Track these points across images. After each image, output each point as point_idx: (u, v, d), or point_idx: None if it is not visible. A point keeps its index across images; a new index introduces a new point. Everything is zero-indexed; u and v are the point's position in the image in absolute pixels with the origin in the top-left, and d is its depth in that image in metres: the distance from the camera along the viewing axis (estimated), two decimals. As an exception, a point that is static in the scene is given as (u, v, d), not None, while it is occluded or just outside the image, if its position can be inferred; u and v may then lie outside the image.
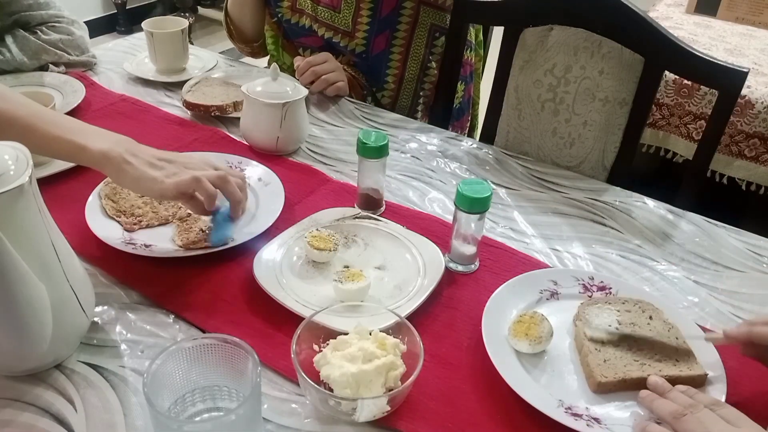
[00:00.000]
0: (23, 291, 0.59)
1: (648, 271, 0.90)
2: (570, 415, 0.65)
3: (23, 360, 0.66)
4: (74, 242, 0.70)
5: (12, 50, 1.25)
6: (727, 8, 2.36)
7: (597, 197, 1.05)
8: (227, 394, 0.64)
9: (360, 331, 0.68)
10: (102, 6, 3.85)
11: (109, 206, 0.91)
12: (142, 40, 1.51)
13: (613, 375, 0.69)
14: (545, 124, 1.26)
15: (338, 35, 1.34)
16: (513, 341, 0.72)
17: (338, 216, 0.91)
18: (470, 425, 0.66)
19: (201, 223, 0.89)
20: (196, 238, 0.86)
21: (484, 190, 0.80)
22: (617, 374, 0.69)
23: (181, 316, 0.77)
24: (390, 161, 1.05)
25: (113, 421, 0.64)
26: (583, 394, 0.70)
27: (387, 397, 0.63)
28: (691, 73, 1.16)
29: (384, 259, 0.86)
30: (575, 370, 0.72)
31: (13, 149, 0.61)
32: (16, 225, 0.59)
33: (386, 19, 1.32)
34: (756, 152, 1.85)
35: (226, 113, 1.20)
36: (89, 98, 1.23)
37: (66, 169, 1.00)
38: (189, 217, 0.91)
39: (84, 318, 0.69)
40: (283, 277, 0.81)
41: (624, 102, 1.19)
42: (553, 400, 0.67)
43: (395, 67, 1.35)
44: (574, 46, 1.19)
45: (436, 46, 1.37)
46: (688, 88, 1.88)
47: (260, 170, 1.02)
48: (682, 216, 1.02)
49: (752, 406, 0.66)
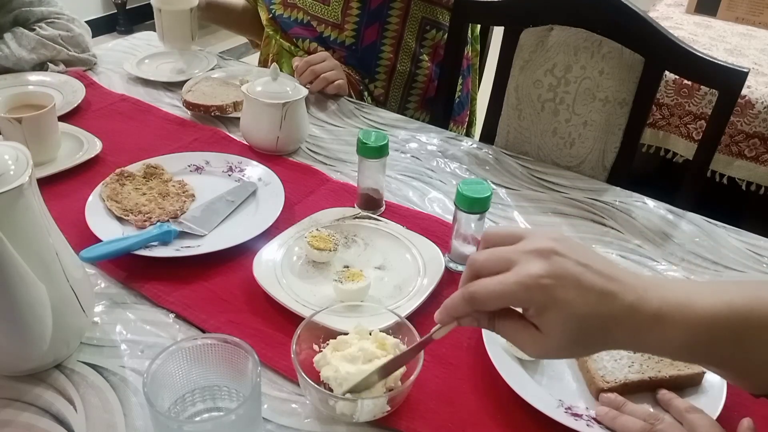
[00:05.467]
0: (23, 291, 0.59)
1: (648, 271, 0.89)
2: (570, 415, 0.65)
3: (23, 360, 0.66)
4: (74, 242, 0.70)
5: (10, 46, 1.25)
6: (727, 8, 2.36)
7: (597, 197, 1.05)
8: (227, 394, 0.64)
9: (360, 331, 0.68)
10: (102, 6, 3.84)
11: (114, 207, 0.90)
12: (142, 40, 1.51)
13: (614, 380, 0.69)
14: (545, 124, 1.26)
15: (328, 28, 1.36)
16: (513, 348, 0.72)
17: (338, 216, 0.91)
18: (470, 425, 0.66)
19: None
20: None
21: (484, 190, 0.80)
22: (618, 379, 0.69)
23: (181, 316, 0.77)
24: (390, 161, 1.05)
25: (113, 421, 0.64)
26: (583, 394, 0.70)
27: (387, 397, 0.63)
28: (691, 73, 1.16)
29: (384, 259, 0.86)
30: (573, 371, 0.72)
31: (13, 149, 0.61)
32: (16, 225, 0.59)
33: (376, 11, 1.34)
34: (756, 152, 1.85)
35: (226, 113, 1.20)
36: (89, 98, 1.23)
37: (66, 169, 1.00)
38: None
39: (84, 318, 0.69)
40: (283, 277, 0.81)
41: (624, 102, 1.19)
42: (552, 401, 0.67)
43: (386, 59, 1.36)
44: (575, 46, 1.19)
45: (427, 39, 1.38)
46: (688, 88, 1.88)
47: (260, 170, 1.02)
48: (682, 216, 1.02)
49: (752, 405, 0.66)
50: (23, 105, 1.02)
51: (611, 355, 0.72)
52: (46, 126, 1.01)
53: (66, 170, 1.00)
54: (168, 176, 0.99)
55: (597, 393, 0.69)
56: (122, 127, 1.12)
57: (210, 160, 1.04)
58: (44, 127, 1.00)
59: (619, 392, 0.68)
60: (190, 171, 1.02)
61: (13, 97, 1.02)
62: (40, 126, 0.99)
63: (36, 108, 1.00)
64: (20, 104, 1.02)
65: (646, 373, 0.70)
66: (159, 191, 0.95)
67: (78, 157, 1.03)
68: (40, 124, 0.99)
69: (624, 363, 0.71)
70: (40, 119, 0.99)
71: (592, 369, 0.70)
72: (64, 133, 1.06)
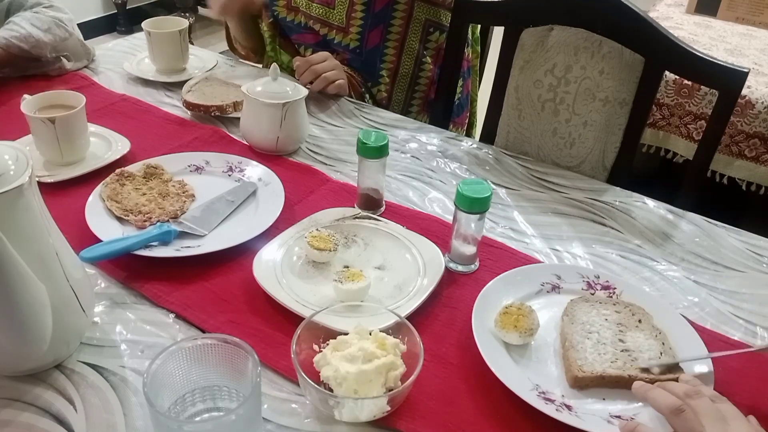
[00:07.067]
0: (23, 291, 0.59)
1: (648, 271, 0.90)
2: (542, 399, 0.66)
3: (23, 360, 0.66)
4: (74, 242, 0.70)
5: (25, 26, 1.24)
6: (728, 8, 2.36)
7: (597, 197, 1.05)
8: (227, 394, 0.64)
9: (360, 331, 0.68)
10: (102, 6, 3.84)
11: (114, 207, 0.91)
12: (142, 40, 1.50)
13: (591, 371, 0.69)
14: (545, 124, 1.26)
15: (332, 31, 1.35)
16: (501, 333, 0.73)
17: (338, 216, 0.91)
18: (470, 425, 0.66)
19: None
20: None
21: (484, 190, 0.80)
22: (595, 371, 0.69)
23: (181, 316, 0.77)
24: (390, 161, 1.05)
25: (113, 421, 0.64)
26: (562, 381, 0.71)
27: (387, 397, 0.63)
28: (692, 73, 1.16)
29: (384, 259, 0.86)
30: (558, 360, 0.74)
31: (13, 149, 0.61)
32: (16, 225, 0.59)
33: (380, 13, 1.33)
34: (756, 152, 1.85)
35: (226, 113, 1.20)
36: (89, 98, 1.22)
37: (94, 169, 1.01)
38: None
39: (84, 318, 0.69)
40: (283, 277, 0.81)
41: (624, 102, 1.19)
42: (528, 384, 0.68)
43: (390, 61, 1.36)
44: (575, 46, 1.19)
45: (430, 41, 1.37)
46: (689, 88, 1.88)
47: (260, 170, 1.02)
48: (682, 216, 1.02)
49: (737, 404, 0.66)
50: (53, 105, 1.02)
51: (596, 348, 0.72)
52: (77, 125, 1.01)
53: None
54: (168, 176, 0.99)
55: (572, 380, 0.69)
56: (122, 127, 1.12)
57: (210, 160, 1.04)
58: (75, 126, 1.01)
59: (595, 384, 0.69)
60: (190, 171, 1.02)
61: (42, 98, 1.02)
62: (72, 125, 1.00)
63: (66, 108, 1.00)
64: (50, 104, 1.02)
65: (626, 371, 0.70)
66: (159, 191, 0.95)
67: (107, 157, 1.04)
68: (72, 124, 1.00)
69: (607, 357, 0.71)
70: (72, 119, 1.00)
71: (572, 357, 0.71)
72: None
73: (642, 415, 0.66)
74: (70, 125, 0.99)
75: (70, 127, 1.00)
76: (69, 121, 0.99)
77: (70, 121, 0.99)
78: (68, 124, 0.99)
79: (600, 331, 0.75)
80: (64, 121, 0.98)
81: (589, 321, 0.76)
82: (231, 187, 0.98)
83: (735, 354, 0.71)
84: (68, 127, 0.99)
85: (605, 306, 0.78)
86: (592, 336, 0.74)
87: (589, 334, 0.74)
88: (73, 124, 1.00)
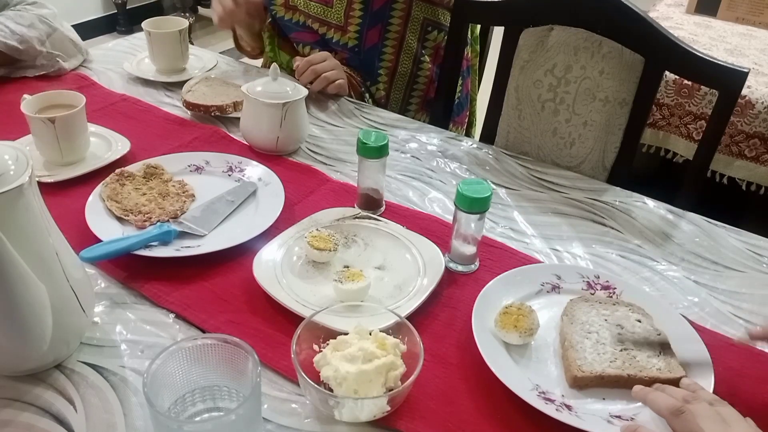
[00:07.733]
0: (23, 291, 0.59)
1: (648, 271, 0.90)
2: (542, 399, 0.66)
3: (23, 360, 0.66)
4: (74, 242, 0.70)
5: (8, 25, 1.24)
6: (728, 8, 2.36)
7: (597, 197, 1.05)
8: (227, 394, 0.64)
9: (360, 331, 0.68)
10: (102, 6, 3.84)
11: (114, 207, 0.90)
12: (142, 40, 1.50)
13: (590, 371, 0.69)
14: (545, 124, 1.26)
15: (330, 30, 1.35)
16: (501, 333, 0.73)
17: (338, 216, 0.91)
18: (470, 425, 0.66)
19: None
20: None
21: (484, 190, 0.80)
22: (595, 371, 0.69)
23: (181, 316, 0.77)
24: (390, 161, 1.05)
25: (113, 421, 0.64)
26: (562, 381, 0.71)
27: (387, 397, 0.63)
28: (692, 73, 1.16)
29: (384, 259, 0.86)
30: (557, 360, 0.74)
31: (13, 149, 0.61)
32: (16, 225, 0.59)
33: (378, 12, 1.33)
34: (756, 152, 1.85)
35: (226, 113, 1.20)
36: (89, 98, 1.22)
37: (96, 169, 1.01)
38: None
39: (84, 318, 0.69)
40: (283, 277, 0.81)
41: (624, 102, 1.19)
42: (529, 384, 0.68)
43: (388, 60, 1.36)
44: (575, 46, 1.19)
45: (428, 40, 1.37)
46: (689, 88, 1.88)
47: (260, 170, 1.02)
48: (682, 216, 1.02)
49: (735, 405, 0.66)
50: (53, 105, 1.02)
51: (595, 348, 0.72)
52: (77, 125, 1.01)
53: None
54: (168, 176, 0.99)
55: (572, 380, 0.69)
56: (122, 127, 1.12)
57: (210, 160, 1.04)
58: (75, 126, 1.01)
59: (594, 384, 0.69)
60: (190, 171, 1.02)
61: (42, 98, 1.02)
62: (72, 125, 1.00)
63: (66, 108, 1.00)
64: (50, 104, 1.02)
65: (625, 370, 0.70)
66: (159, 191, 0.95)
67: (107, 157, 1.04)
68: (72, 124, 1.00)
69: (606, 357, 0.71)
70: (72, 119, 1.00)
71: (571, 357, 0.71)
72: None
73: (642, 415, 0.66)
74: (70, 125, 0.99)
75: (70, 127, 1.00)
76: (69, 121, 0.99)
77: (70, 121, 0.99)
78: (68, 124, 0.99)
79: (599, 331, 0.75)
80: (64, 121, 0.98)
81: (589, 321, 0.76)
82: (231, 187, 0.98)
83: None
84: (68, 127, 0.99)
85: (605, 306, 0.78)
86: (592, 336, 0.74)
87: (588, 334, 0.74)
88: (73, 124, 1.00)
